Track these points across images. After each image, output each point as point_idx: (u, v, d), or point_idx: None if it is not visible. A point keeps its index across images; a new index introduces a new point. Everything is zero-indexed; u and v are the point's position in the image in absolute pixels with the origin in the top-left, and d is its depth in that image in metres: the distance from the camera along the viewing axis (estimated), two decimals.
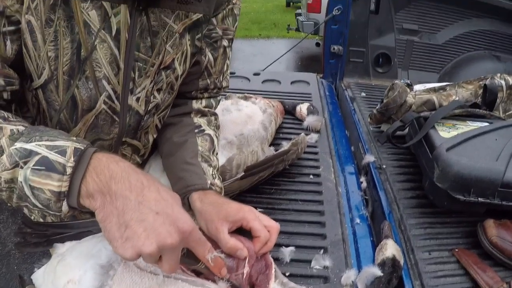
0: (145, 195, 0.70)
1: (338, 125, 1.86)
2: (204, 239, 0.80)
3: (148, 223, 0.68)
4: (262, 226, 0.97)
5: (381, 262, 1.09)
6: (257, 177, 1.33)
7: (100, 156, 0.72)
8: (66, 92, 0.92)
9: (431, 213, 1.38)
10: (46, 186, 0.68)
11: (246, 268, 0.93)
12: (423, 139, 1.46)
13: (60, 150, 0.69)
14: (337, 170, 1.49)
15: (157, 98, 1.09)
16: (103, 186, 0.69)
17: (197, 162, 1.11)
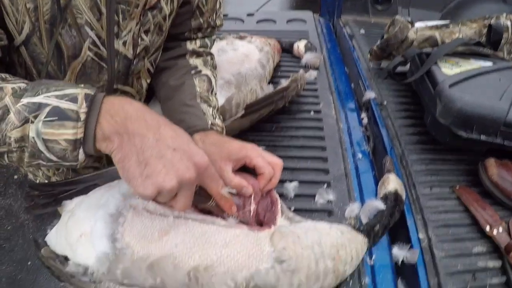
0: (162, 133, 0.70)
1: (337, 62, 1.83)
2: (217, 175, 0.80)
3: (167, 159, 0.68)
4: (265, 162, 0.96)
5: (383, 196, 1.09)
6: (258, 115, 1.31)
7: (112, 99, 0.70)
8: (50, 41, 0.87)
9: (433, 150, 1.38)
10: (60, 136, 0.65)
11: (252, 205, 0.93)
12: (425, 75, 1.44)
13: (71, 97, 0.66)
14: (338, 107, 1.48)
15: (145, 40, 1.05)
16: (119, 127, 0.67)
17: (196, 103, 1.09)
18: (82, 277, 0.84)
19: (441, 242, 1.08)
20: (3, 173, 3.03)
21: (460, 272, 1.03)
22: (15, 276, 2.42)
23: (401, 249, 1.02)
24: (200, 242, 0.80)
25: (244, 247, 0.81)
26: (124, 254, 0.81)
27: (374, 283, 0.96)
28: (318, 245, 0.84)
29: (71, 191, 0.97)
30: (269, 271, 0.78)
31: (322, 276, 0.84)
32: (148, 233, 0.83)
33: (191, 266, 0.77)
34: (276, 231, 0.85)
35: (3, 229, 2.67)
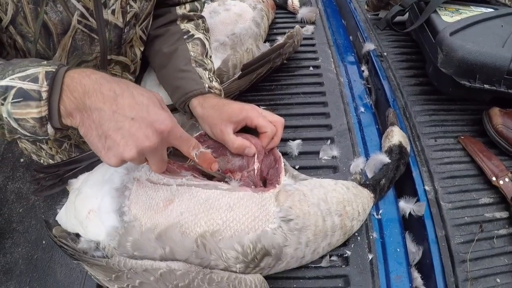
0: (119, 103, 0.70)
1: (334, 15, 1.78)
2: (186, 136, 0.80)
3: (125, 130, 0.69)
4: (267, 121, 0.96)
5: (388, 149, 1.08)
6: (255, 75, 1.29)
7: (72, 73, 0.71)
8: (36, 21, 0.87)
9: (436, 100, 1.36)
10: (28, 115, 0.69)
11: (256, 164, 0.93)
12: (425, 24, 1.40)
13: (32, 78, 0.68)
14: (337, 60, 1.45)
15: (134, 7, 1.04)
16: (78, 103, 0.70)
17: (191, 68, 1.07)
18: (94, 252, 0.86)
19: (448, 194, 1.08)
20: (9, 157, 3.05)
21: (467, 224, 1.03)
22: (32, 256, 2.48)
23: (407, 202, 1.02)
24: (205, 208, 0.81)
25: (249, 209, 0.81)
26: (133, 227, 0.82)
27: (382, 237, 0.97)
28: (324, 202, 0.84)
29: (76, 169, 0.98)
30: (276, 231, 0.79)
31: (330, 232, 0.84)
32: (153, 204, 0.84)
33: (198, 233, 0.78)
34: (281, 190, 0.85)
35: (16, 212, 2.71)
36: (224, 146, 0.97)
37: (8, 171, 2.96)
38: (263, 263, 0.79)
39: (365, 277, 0.89)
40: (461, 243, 0.99)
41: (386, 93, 1.32)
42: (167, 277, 0.75)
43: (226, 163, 0.96)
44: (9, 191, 2.83)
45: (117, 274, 0.79)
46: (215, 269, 0.77)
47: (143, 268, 0.77)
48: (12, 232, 2.60)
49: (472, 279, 0.94)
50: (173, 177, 0.88)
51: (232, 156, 0.97)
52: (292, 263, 0.84)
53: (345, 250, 0.92)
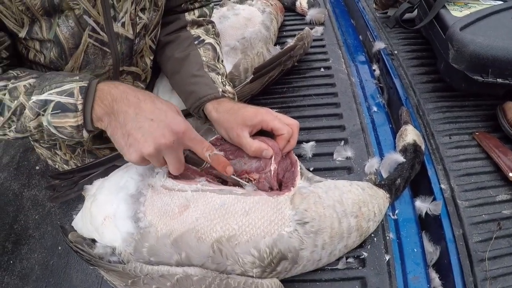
0: (141, 107, 0.81)
1: (343, 15, 1.77)
2: (200, 138, 0.87)
3: (145, 129, 0.79)
4: (282, 123, 0.95)
5: (402, 148, 1.07)
6: (267, 78, 1.29)
7: (102, 85, 0.83)
8: (50, 31, 0.92)
9: (449, 97, 1.35)
10: (66, 123, 0.81)
11: (273, 165, 0.93)
12: (434, 20, 1.40)
13: (69, 92, 0.80)
14: (348, 60, 1.44)
15: (143, 18, 1.06)
16: (107, 109, 0.81)
17: (204, 73, 1.08)
18: (110, 258, 0.86)
19: (464, 192, 1.07)
20: (25, 165, 3.08)
21: (484, 222, 1.02)
22: (48, 262, 2.50)
23: (424, 202, 1.01)
24: (220, 213, 0.81)
25: (264, 213, 0.81)
26: (149, 233, 0.82)
27: (399, 238, 0.95)
28: (339, 203, 0.84)
29: (91, 174, 1.00)
30: (292, 235, 0.78)
31: (346, 234, 0.84)
32: (169, 210, 0.84)
33: (214, 238, 0.78)
34: (296, 193, 0.85)
35: (32, 218, 2.74)
36: (240, 149, 0.98)
37: (24, 178, 2.98)
38: (280, 267, 0.78)
39: (382, 278, 0.88)
40: (479, 242, 0.99)
41: (399, 92, 1.31)
42: (184, 283, 0.75)
43: (243, 165, 0.97)
44: (25, 198, 2.85)
45: (133, 279, 0.79)
46: (231, 274, 0.77)
47: (159, 273, 0.78)
48: (28, 239, 2.62)
49: (491, 278, 0.93)
50: (188, 183, 0.88)
51: (249, 158, 0.97)
52: (309, 266, 0.83)
53: (361, 251, 0.92)
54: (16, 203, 2.83)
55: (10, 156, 3.15)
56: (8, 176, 3.02)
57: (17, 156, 3.15)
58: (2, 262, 2.53)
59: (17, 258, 2.53)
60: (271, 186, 0.91)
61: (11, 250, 2.58)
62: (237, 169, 0.96)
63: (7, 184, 2.96)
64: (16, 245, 2.61)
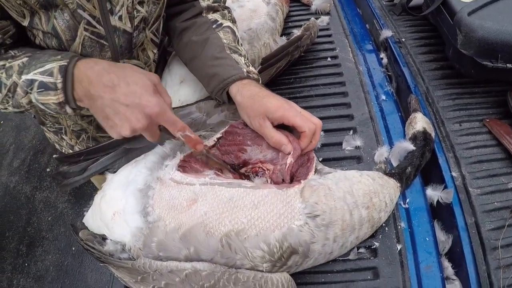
0: (116, 92, 0.84)
1: (349, 4, 1.75)
2: (173, 120, 0.89)
3: (121, 114, 0.84)
4: (305, 121, 0.94)
5: (412, 136, 1.06)
6: (275, 69, 1.28)
7: (79, 64, 0.87)
8: (48, 23, 0.94)
9: (458, 84, 1.33)
10: (49, 100, 0.87)
11: (290, 159, 0.92)
12: (442, 6, 1.37)
13: (49, 72, 0.86)
14: (355, 49, 1.42)
15: (142, 11, 1.05)
16: (85, 91, 0.86)
17: (226, 54, 1.07)
18: (121, 254, 0.86)
19: (476, 179, 1.06)
20: (36, 168, 3.11)
21: (497, 209, 1.01)
22: (62, 262, 2.52)
23: (435, 190, 1.00)
24: (229, 207, 0.80)
25: (274, 206, 0.80)
26: (157, 227, 0.82)
27: (410, 227, 0.94)
28: (350, 195, 0.83)
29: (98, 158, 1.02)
30: (303, 228, 0.77)
31: (358, 226, 0.83)
32: (177, 203, 0.84)
33: (223, 232, 0.77)
34: (306, 185, 0.84)
35: (45, 220, 2.76)
36: (261, 137, 0.97)
37: (36, 181, 3.01)
38: (290, 262, 0.78)
39: (394, 268, 0.87)
40: (492, 230, 0.97)
41: (407, 80, 1.29)
42: (193, 278, 0.75)
43: (259, 153, 0.96)
44: (37, 200, 2.88)
45: (142, 275, 0.79)
46: (241, 269, 0.76)
47: (168, 269, 0.78)
48: (42, 240, 2.65)
49: (505, 267, 0.92)
50: (196, 176, 0.88)
51: (267, 147, 0.96)
52: (320, 259, 0.82)
53: (373, 241, 0.91)
54: (29, 206, 2.86)
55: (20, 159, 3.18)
56: (19, 179, 3.04)
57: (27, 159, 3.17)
58: (17, 265, 2.56)
59: (32, 261, 2.56)
60: (284, 179, 0.90)
61: (26, 253, 2.61)
62: (252, 157, 0.96)
63: (19, 188, 2.99)
64: (30, 248, 2.63)
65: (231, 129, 1.01)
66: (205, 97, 1.19)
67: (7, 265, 2.57)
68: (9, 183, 3.01)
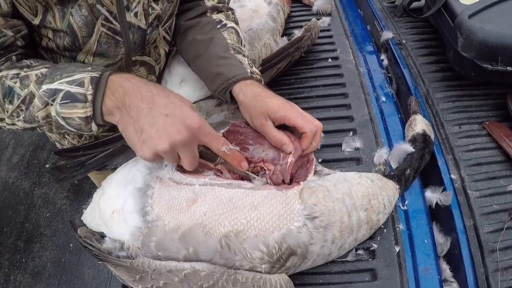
0: (155, 102, 0.78)
1: (350, 5, 1.76)
2: (215, 133, 0.85)
3: (159, 124, 0.76)
4: (306, 121, 0.94)
5: (411, 138, 1.06)
6: (275, 70, 1.28)
7: (114, 77, 0.81)
8: (63, 20, 0.91)
9: (458, 86, 1.33)
10: (74, 114, 0.79)
11: (291, 158, 0.92)
12: (443, 8, 1.38)
13: (79, 82, 0.79)
14: (355, 51, 1.43)
15: (156, 9, 1.06)
16: (118, 102, 0.78)
17: (231, 54, 1.07)
18: (119, 252, 0.86)
19: (475, 182, 1.06)
20: (35, 164, 3.10)
21: (496, 212, 1.01)
22: (60, 259, 2.52)
23: (434, 192, 1.00)
24: (228, 208, 0.80)
25: (273, 207, 0.80)
26: (156, 227, 0.82)
27: (409, 229, 0.95)
28: (349, 196, 0.83)
29: (97, 155, 1.00)
30: (301, 230, 0.78)
31: (356, 228, 0.83)
32: (176, 204, 0.84)
33: (222, 233, 0.77)
34: (305, 187, 0.84)
35: (43, 216, 2.76)
36: (262, 136, 0.98)
37: (35, 177, 3.01)
38: (289, 263, 0.78)
39: (392, 270, 0.87)
40: (490, 232, 0.97)
41: (407, 81, 1.29)
42: (191, 278, 0.75)
43: (261, 152, 0.97)
44: (36, 196, 2.87)
45: (141, 275, 0.79)
46: (239, 270, 0.76)
47: (167, 269, 0.78)
48: (40, 236, 2.65)
49: (503, 269, 0.92)
50: (196, 176, 0.88)
51: (269, 147, 0.97)
52: (318, 261, 0.83)
53: (371, 243, 0.91)
54: (27, 202, 2.86)
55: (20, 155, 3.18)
56: (18, 175, 3.04)
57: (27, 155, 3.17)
58: (14, 260, 2.56)
59: (29, 256, 2.56)
60: (284, 178, 0.91)
61: (23, 249, 2.61)
62: (254, 156, 0.96)
63: (18, 183, 2.99)
64: (28, 244, 2.63)
65: (233, 128, 1.01)
66: (204, 96, 1.20)
67: (5, 260, 2.57)
68: (8, 179, 3.01)
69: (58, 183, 1.10)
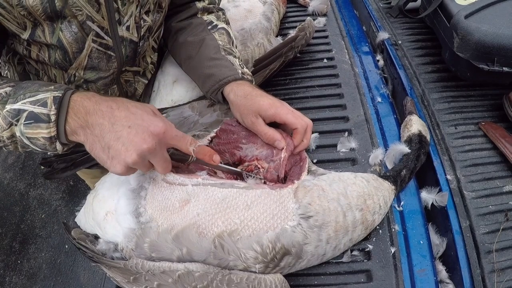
0: (116, 116, 0.77)
1: (346, 6, 1.75)
2: (182, 134, 0.84)
3: (124, 137, 0.75)
4: (296, 117, 0.95)
5: (407, 138, 1.06)
6: (269, 70, 1.27)
7: (75, 97, 0.79)
8: (53, 36, 0.91)
9: (454, 87, 1.33)
10: (38, 134, 0.77)
11: (284, 153, 0.93)
12: (439, 8, 1.37)
13: (42, 102, 0.77)
14: (351, 51, 1.42)
15: (148, 20, 1.06)
16: (81, 122, 0.77)
17: (222, 56, 1.08)
18: (113, 254, 0.86)
19: (471, 183, 1.06)
20: (30, 165, 3.09)
21: (492, 213, 1.00)
22: (55, 260, 2.51)
23: (429, 193, 1.00)
24: (222, 208, 0.80)
25: (267, 206, 0.80)
26: (150, 228, 0.81)
27: (405, 230, 0.94)
28: (344, 196, 0.82)
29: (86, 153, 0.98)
30: (296, 229, 0.77)
31: (351, 228, 0.82)
32: (169, 204, 0.83)
33: (216, 233, 0.77)
34: (300, 186, 0.84)
35: (38, 218, 2.75)
36: (255, 134, 0.98)
37: (30, 178, 2.99)
38: (283, 263, 0.77)
39: (387, 271, 0.87)
40: (486, 233, 0.97)
41: (403, 82, 1.29)
42: (185, 279, 0.75)
43: (255, 150, 0.97)
44: (31, 197, 2.86)
45: (135, 276, 0.79)
46: (234, 270, 0.76)
47: (161, 270, 0.77)
48: (35, 238, 2.63)
49: (499, 270, 0.92)
50: (189, 177, 0.87)
51: (262, 144, 0.97)
52: (313, 261, 0.82)
53: (366, 244, 0.90)
54: (22, 203, 2.84)
55: (15, 156, 3.17)
56: (13, 176, 3.03)
57: (22, 156, 3.16)
58: (10, 262, 2.54)
59: (25, 258, 2.54)
60: (279, 174, 0.91)
61: (19, 250, 2.59)
62: (247, 154, 0.97)
63: (13, 184, 2.97)
64: (23, 245, 2.62)
65: (225, 126, 1.01)
66: (197, 96, 1.19)
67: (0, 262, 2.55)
68: (3, 180, 3.00)
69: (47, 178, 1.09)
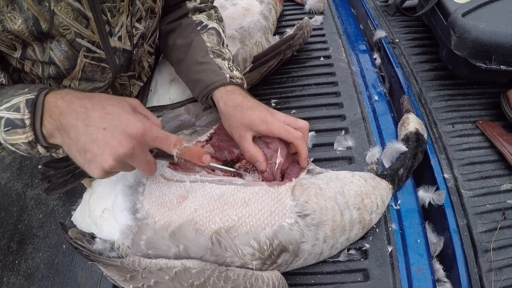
0: (90, 117, 0.73)
1: (343, 4, 1.75)
2: (164, 135, 0.78)
3: (99, 141, 0.71)
4: (289, 132, 0.90)
5: (404, 137, 1.06)
6: (266, 68, 1.27)
7: (49, 97, 0.76)
8: (44, 54, 0.90)
9: (452, 85, 1.33)
10: (18, 140, 0.75)
11: (279, 158, 0.91)
12: (436, 6, 1.37)
13: (16, 107, 0.74)
14: (348, 49, 1.42)
15: (140, 28, 1.04)
16: (56, 124, 0.74)
17: (209, 59, 1.05)
18: (109, 253, 0.85)
19: (468, 181, 1.06)
20: (28, 165, 3.08)
21: (489, 211, 1.00)
22: (52, 260, 2.51)
23: (427, 192, 1.00)
24: (219, 204, 0.79)
25: (265, 204, 0.79)
26: (146, 225, 0.81)
27: (402, 229, 0.94)
28: (341, 195, 0.82)
29: None
30: (293, 227, 0.77)
31: (348, 227, 0.82)
32: (167, 200, 0.83)
33: (213, 230, 0.77)
34: (297, 184, 0.84)
35: (35, 218, 2.74)
36: None
37: (27, 178, 2.98)
38: (280, 260, 0.77)
39: (385, 270, 0.87)
40: (484, 232, 0.97)
41: (400, 80, 1.29)
42: (182, 276, 0.74)
43: None
44: (29, 197, 2.85)
45: (132, 274, 0.78)
46: (231, 267, 0.76)
47: (157, 267, 0.77)
48: (33, 238, 2.63)
49: (496, 269, 0.92)
50: (187, 173, 0.87)
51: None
52: (310, 259, 0.82)
53: (363, 243, 0.90)
54: (20, 203, 2.84)
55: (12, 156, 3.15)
56: (11, 176, 3.02)
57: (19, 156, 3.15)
58: (7, 262, 2.54)
59: (22, 258, 2.54)
60: (274, 177, 0.90)
61: (16, 250, 2.59)
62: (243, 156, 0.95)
63: (10, 184, 2.96)
64: (20, 245, 2.61)
65: (222, 126, 1.00)
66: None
67: None
68: (0, 180, 2.99)
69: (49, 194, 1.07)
